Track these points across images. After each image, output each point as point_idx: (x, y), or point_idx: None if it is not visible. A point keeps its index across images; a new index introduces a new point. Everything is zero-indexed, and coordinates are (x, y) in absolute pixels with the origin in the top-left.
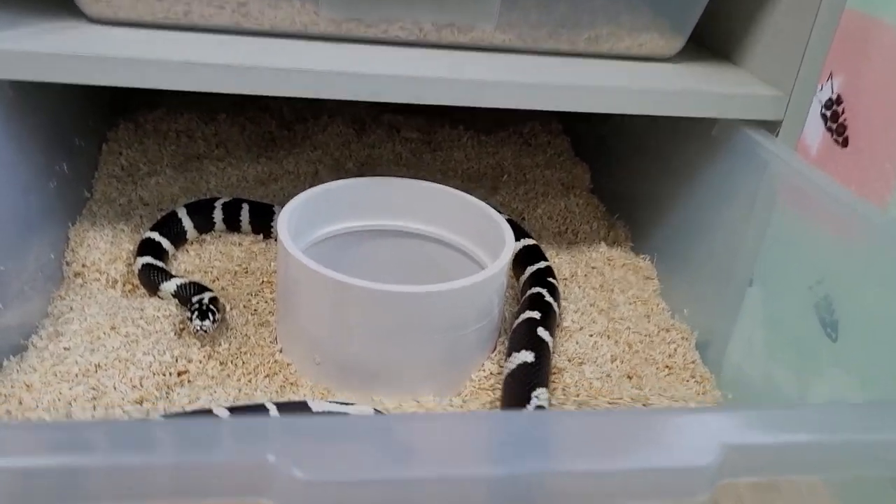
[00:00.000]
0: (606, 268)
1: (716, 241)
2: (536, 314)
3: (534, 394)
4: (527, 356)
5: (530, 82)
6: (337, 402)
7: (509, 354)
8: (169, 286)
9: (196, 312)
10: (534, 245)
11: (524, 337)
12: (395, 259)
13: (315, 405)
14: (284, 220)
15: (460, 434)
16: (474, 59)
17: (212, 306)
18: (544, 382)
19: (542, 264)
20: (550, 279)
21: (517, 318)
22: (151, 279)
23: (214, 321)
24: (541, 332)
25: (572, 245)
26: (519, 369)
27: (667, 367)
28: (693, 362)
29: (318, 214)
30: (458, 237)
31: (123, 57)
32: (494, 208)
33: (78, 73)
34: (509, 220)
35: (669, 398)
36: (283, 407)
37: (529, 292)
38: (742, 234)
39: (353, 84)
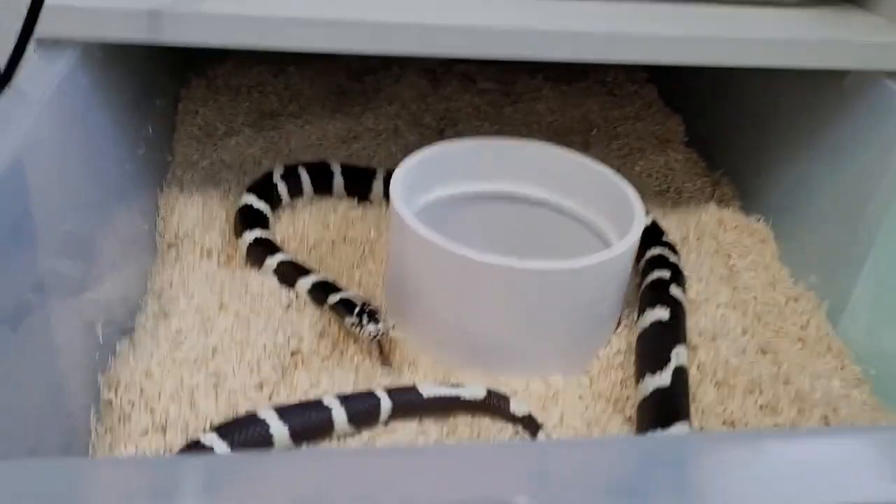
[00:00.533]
0: (719, 230)
1: (841, 200)
2: (666, 273)
3: (673, 352)
4: (661, 313)
5: (633, 33)
6: (448, 385)
7: (641, 313)
8: (304, 283)
9: (366, 317)
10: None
11: (657, 295)
12: (504, 226)
13: (425, 389)
14: (398, 188)
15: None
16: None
17: (374, 308)
18: (682, 339)
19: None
20: (667, 241)
21: (643, 280)
22: (286, 275)
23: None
24: (673, 290)
25: (677, 205)
26: (653, 327)
27: (800, 339)
28: (827, 334)
29: (428, 178)
30: (578, 205)
31: (221, 14)
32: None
33: (177, 32)
34: None
35: (809, 375)
36: (394, 393)
37: (649, 254)
38: (872, 192)
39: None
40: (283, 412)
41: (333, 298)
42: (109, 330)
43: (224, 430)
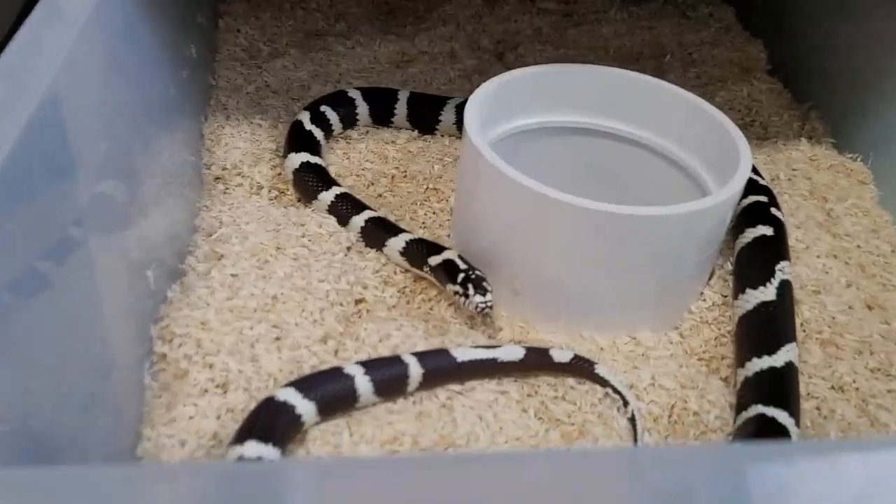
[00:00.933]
0: (812, 170)
1: None
2: (763, 198)
3: (777, 267)
4: (765, 230)
5: None
6: (482, 347)
7: (741, 232)
8: (397, 242)
9: (472, 286)
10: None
11: (758, 214)
12: (584, 164)
13: (459, 354)
14: (474, 117)
15: None
16: None
17: (480, 275)
18: (787, 255)
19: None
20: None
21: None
22: (344, 211)
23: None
24: (774, 211)
25: (764, 141)
26: (756, 242)
27: None
28: None
29: (502, 108)
30: (672, 144)
31: None
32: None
33: None
34: None
35: None
36: (424, 358)
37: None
38: None
39: None
40: (367, 366)
41: (435, 260)
42: (159, 273)
43: (303, 385)
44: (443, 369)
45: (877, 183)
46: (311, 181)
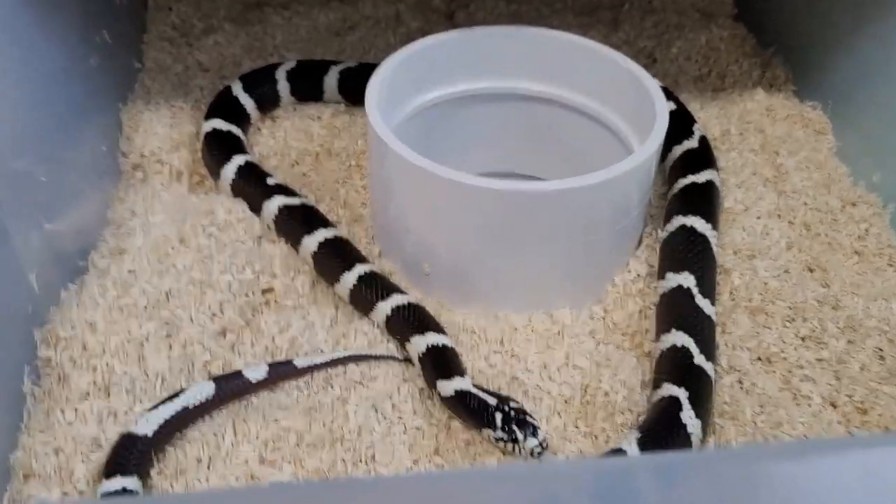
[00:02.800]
0: (766, 121)
1: None
2: (698, 220)
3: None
4: (692, 220)
5: None
6: (330, 353)
7: (667, 220)
8: (382, 308)
9: (517, 427)
10: (683, 111)
11: (691, 199)
12: (507, 127)
13: (300, 361)
14: (374, 96)
15: None
16: None
17: (517, 406)
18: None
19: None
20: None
21: (670, 190)
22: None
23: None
24: (705, 232)
25: (719, 93)
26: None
27: (856, 252)
28: (889, 245)
29: (416, 78)
30: (594, 102)
31: None
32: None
33: None
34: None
35: (864, 297)
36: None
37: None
38: None
39: None
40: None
41: (447, 386)
42: (58, 271)
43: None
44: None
45: (835, 132)
46: (216, 152)
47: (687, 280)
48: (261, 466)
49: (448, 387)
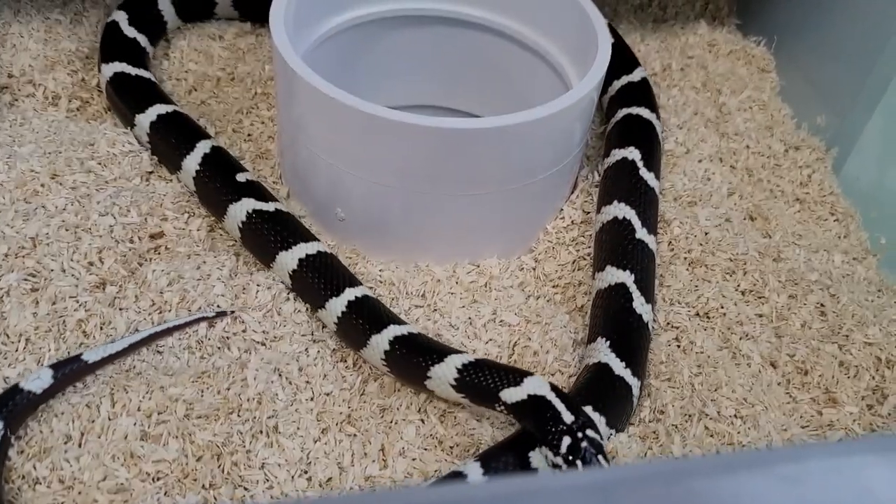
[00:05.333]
0: (709, 57)
1: (860, 21)
2: (642, 110)
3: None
4: (632, 153)
5: None
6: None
7: (607, 155)
8: (448, 368)
9: (583, 460)
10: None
11: (629, 131)
12: (438, 57)
13: (90, 355)
14: (279, 14)
15: None
16: None
17: (593, 436)
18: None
19: (636, 76)
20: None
21: (608, 121)
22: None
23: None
24: (648, 115)
25: (660, 25)
26: (621, 164)
27: (798, 200)
28: (832, 193)
29: None
30: (529, 30)
31: None
32: None
33: None
34: None
35: (806, 248)
36: (58, 368)
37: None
38: None
39: None
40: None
41: (513, 395)
42: None
43: None
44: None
45: (779, 71)
46: (126, 99)
47: (626, 212)
48: (143, 443)
49: (515, 394)
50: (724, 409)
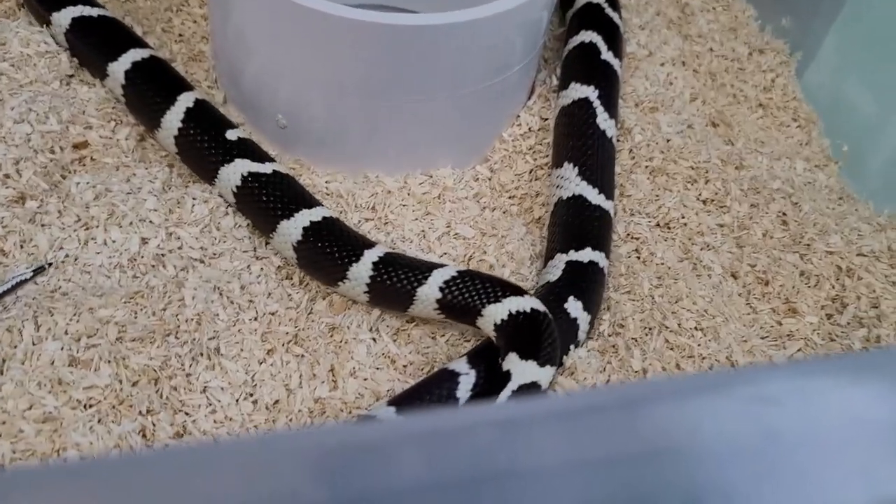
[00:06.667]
0: None
1: None
2: (595, 35)
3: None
4: (587, 91)
5: None
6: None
7: (564, 87)
8: (496, 312)
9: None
10: None
11: (584, 64)
12: None
13: None
14: None
15: None
16: None
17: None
18: (614, 113)
19: None
20: None
21: (569, 39)
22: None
23: None
24: (606, 55)
25: None
26: (577, 106)
27: (761, 105)
28: (794, 98)
29: None
30: None
31: None
32: None
33: None
34: None
35: (769, 155)
36: None
37: (581, 2)
38: None
39: None
40: None
41: (498, 312)
42: None
43: None
44: None
45: None
46: None
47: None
48: (72, 368)
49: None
50: (685, 322)
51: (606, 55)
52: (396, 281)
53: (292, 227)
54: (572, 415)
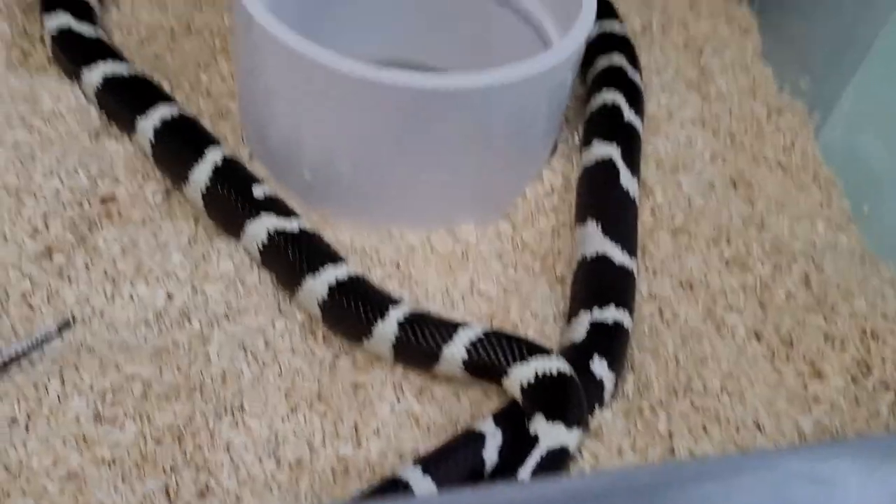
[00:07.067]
0: (690, 17)
1: None
2: (617, 95)
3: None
4: (610, 150)
5: None
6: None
7: (587, 146)
8: (522, 372)
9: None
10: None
11: (607, 123)
12: (409, 9)
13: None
14: None
15: None
16: None
17: None
18: (636, 172)
19: (615, 25)
20: (629, 48)
21: (590, 98)
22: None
23: None
24: (628, 115)
25: None
26: (600, 165)
27: (780, 166)
28: (814, 159)
29: None
30: None
31: None
32: None
33: None
34: None
35: (790, 216)
36: None
37: (602, 64)
38: None
39: None
40: None
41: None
42: None
43: None
44: None
45: (762, 31)
46: (71, 54)
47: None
48: (97, 425)
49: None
50: (710, 384)
51: (629, 115)
52: (422, 340)
53: (317, 284)
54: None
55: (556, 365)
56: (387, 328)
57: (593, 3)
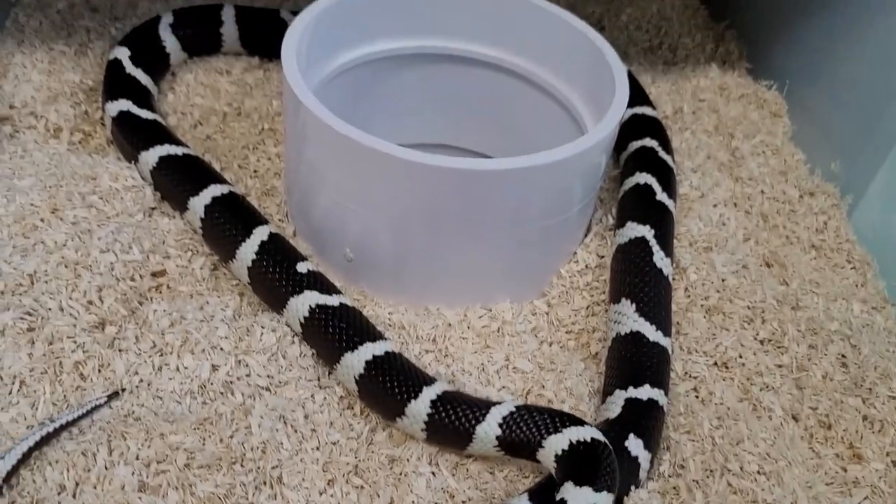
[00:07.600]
0: (720, 101)
1: (869, 65)
2: (649, 177)
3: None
4: (643, 230)
5: None
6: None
7: (621, 226)
8: (556, 442)
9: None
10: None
11: (640, 204)
12: (450, 96)
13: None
14: (292, 47)
15: None
16: None
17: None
18: (670, 252)
19: (647, 109)
20: (661, 132)
21: (624, 180)
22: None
23: None
24: (661, 196)
25: (670, 66)
26: (634, 244)
27: (814, 246)
28: (847, 239)
29: (342, 32)
30: (543, 70)
31: None
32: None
33: None
34: None
35: (825, 296)
36: None
37: (635, 146)
38: None
39: None
40: None
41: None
42: None
43: None
44: None
45: (791, 115)
46: (130, 138)
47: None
48: (141, 494)
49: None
50: (747, 465)
51: (661, 196)
52: (455, 419)
53: (355, 360)
54: None
55: (589, 434)
56: (419, 408)
57: (626, 87)
